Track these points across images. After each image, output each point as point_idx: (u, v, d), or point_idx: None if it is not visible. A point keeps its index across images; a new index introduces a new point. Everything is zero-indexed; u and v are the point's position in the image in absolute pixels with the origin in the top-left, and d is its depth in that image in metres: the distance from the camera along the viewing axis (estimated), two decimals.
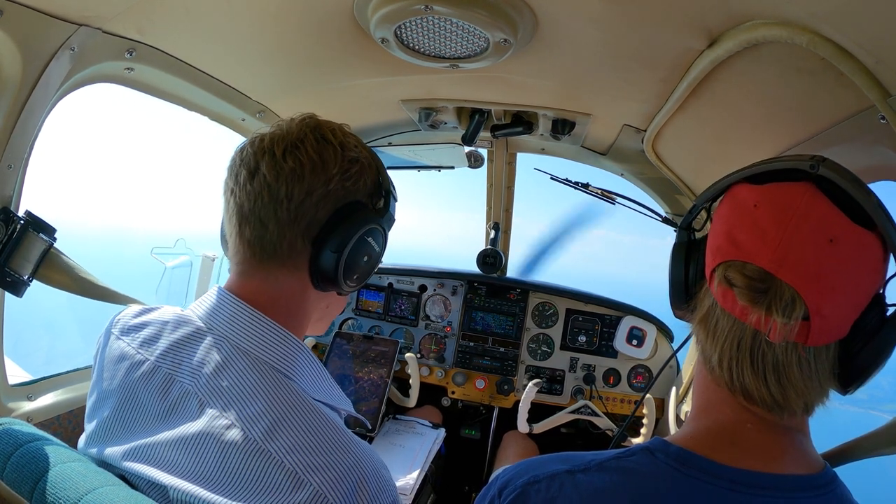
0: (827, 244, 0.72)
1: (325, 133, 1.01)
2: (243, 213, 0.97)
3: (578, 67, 1.57)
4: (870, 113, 1.04)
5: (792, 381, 0.75)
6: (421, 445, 2.35)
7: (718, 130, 1.61)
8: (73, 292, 1.46)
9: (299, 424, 0.86)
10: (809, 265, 0.72)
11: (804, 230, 0.73)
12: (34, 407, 1.49)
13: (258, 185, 0.96)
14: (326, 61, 1.67)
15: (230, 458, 0.83)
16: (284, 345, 0.97)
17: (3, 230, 1.25)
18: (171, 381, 0.92)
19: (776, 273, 0.72)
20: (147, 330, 1.00)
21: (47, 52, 1.19)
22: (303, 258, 0.99)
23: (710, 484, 0.75)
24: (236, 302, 0.97)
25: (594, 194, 2.30)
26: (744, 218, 0.79)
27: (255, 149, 0.98)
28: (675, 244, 0.95)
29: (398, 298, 2.99)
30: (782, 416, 0.78)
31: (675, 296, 0.93)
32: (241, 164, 0.99)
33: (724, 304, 0.78)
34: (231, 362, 0.92)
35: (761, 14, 1.01)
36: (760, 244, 0.75)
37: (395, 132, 2.50)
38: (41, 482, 0.79)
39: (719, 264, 0.80)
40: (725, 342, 0.78)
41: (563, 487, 0.79)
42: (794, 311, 0.71)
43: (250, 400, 0.87)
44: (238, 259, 1.01)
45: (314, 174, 0.96)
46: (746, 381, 0.76)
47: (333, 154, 0.99)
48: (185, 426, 0.88)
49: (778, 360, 0.74)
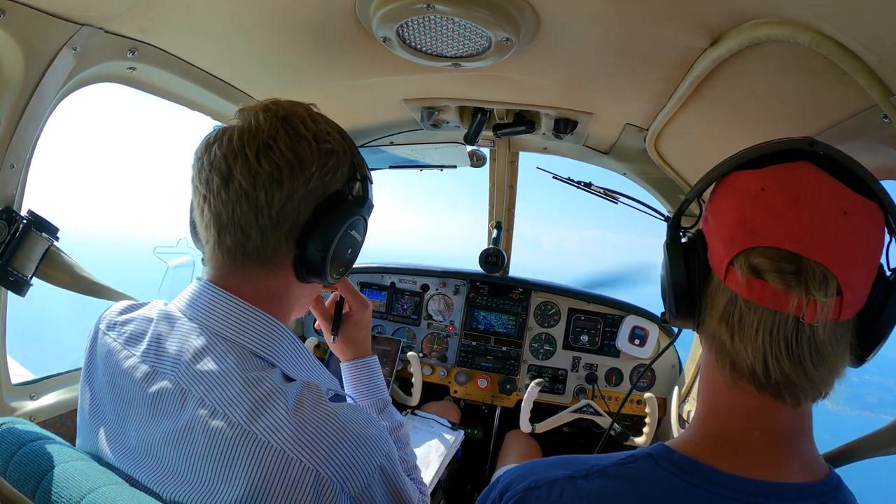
0: (842, 216, 0.73)
1: (297, 126, 0.95)
2: (222, 222, 0.93)
3: (580, 66, 1.57)
4: (872, 112, 1.04)
5: (827, 359, 0.73)
6: (437, 447, 2.32)
7: (721, 129, 1.61)
8: (74, 290, 1.47)
9: (280, 403, 0.85)
10: (832, 240, 0.72)
11: (820, 206, 0.73)
12: (37, 406, 1.50)
13: (234, 193, 0.91)
14: (328, 60, 1.67)
15: (217, 444, 0.83)
16: (265, 329, 0.95)
17: (6, 230, 1.25)
18: (154, 375, 0.92)
19: (803, 253, 0.71)
20: (132, 325, 0.99)
21: (50, 51, 1.19)
22: (286, 257, 0.97)
23: (714, 493, 0.74)
24: (216, 290, 0.96)
25: (596, 194, 2.30)
26: (754, 203, 0.77)
27: (225, 151, 0.92)
28: (670, 243, 0.89)
29: (401, 298, 2.99)
30: (804, 404, 0.76)
31: (679, 300, 0.86)
32: (211, 169, 0.93)
33: (751, 294, 0.74)
34: (210, 348, 0.91)
35: (763, 13, 1.00)
36: (779, 226, 0.73)
37: (397, 131, 2.50)
38: (44, 481, 0.79)
39: (738, 254, 0.76)
40: (757, 335, 0.74)
41: (564, 493, 0.78)
42: (829, 287, 0.70)
43: (229, 383, 0.86)
44: (215, 263, 0.98)
45: (293, 176, 0.93)
46: (785, 369, 0.73)
47: (309, 150, 0.94)
48: (172, 419, 0.88)
49: (813, 341, 0.72)
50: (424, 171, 2.96)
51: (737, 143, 0.89)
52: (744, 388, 0.78)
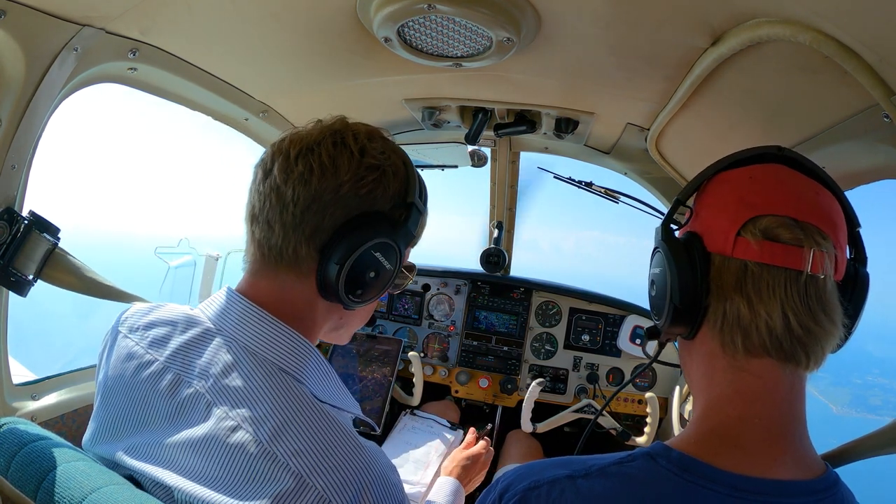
0: (816, 195, 0.85)
1: (346, 137, 0.98)
2: (254, 214, 0.98)
3: (581, 66, 1.57)
4: (873, 111, 1.04)
5: (834, 310, 0.81)
6: (437, 447, 2.31)
7: (722, 129, 1.61)
8: (79, 292, 1.47)
9: (306, 427, 0.84)
10: (817, 209, 0.83)
11: (799, 188, 0.85)
12: (38, 406, 1.50)
13: (269, 186, 0.96)
14: (329, 61, 1.67)
15: (236, 460, 0.83)
16: (293, 346, 0.95)
17: (7, 230, 1.25)
18: (179, 383, 0.91)
19: (799, 217, 0.81)
20: (156, 330, 0.99)
21: (50, 52, 1.19)
22: (310, 265, 0.96)
23: (712, 490, 0.75)
24: (245, 303, 0.96)
25: (597, 193, 2.30)
26: (748, 186, 0.87)
27: (275, 149, 0.98)
28: (667, 240, 0.90)
29: (402, 297, 2.99)
30: (812, 362, 0.81)
31: (688, 292, 0.86)
32: (259, 164, 0.99)
33: (763, 256, 0.80)
34: (239, 364, 0.91)
35: (765, 12, 1.00)
36: (774, 199, 0.83)
37: (398, 131, 2.50)
38: (45, 481, 0.79)
39: (746, 223, 0.82)
40: (774, 293, 0.79)
41: (564, 493, 0.79)
42: (828, 242, 0.81)
43: (257, 402, 0.86)
44: (251, 259, 1.01)
45: (323, 179, 0.94)
46: (802, 321, 0.79)
47: (348, 159, 0.95)
48: (193, 428, 0.87)
49: (822, 294, 0.80)
50: (425, 171, 2.96)
51: (738, 143, 0.90)
52: (751, 367, 0.82)
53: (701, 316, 0.87)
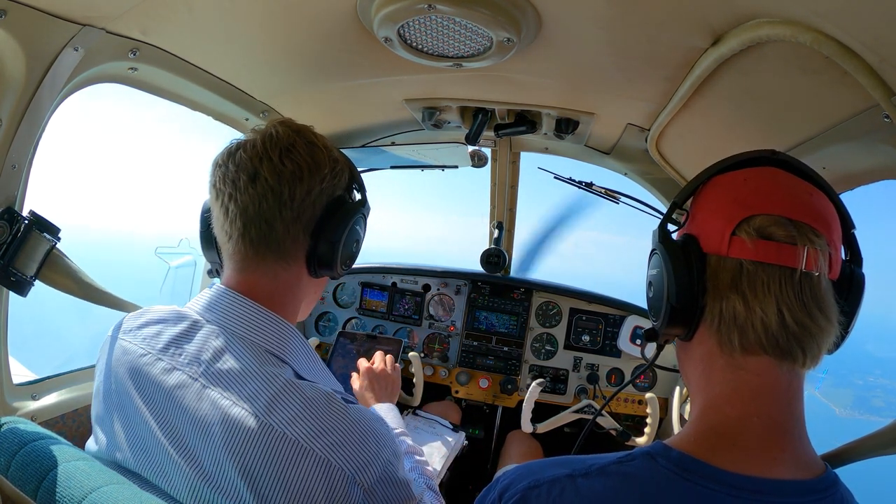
0: (810, 196, 0.86)
1: (309, 136, 1.11)
2: (249, 216, 1.05)
3: (582, 66, 1.57)
4: (873, 112, 1.04)
5: (828, 308, 0.82)
6: (439, 449, 2.31)
7: (722, 129, 1.61)
8: (76, 296, 1.47)
9: (296, 398, 0.93)
10: (811, 209, 0.84)
11: (792, 189, 0.86)
12: (38, 406, 1.50)
13: (261, 188, 1.04)
14: (330, 61, 1.67)
15: (235, 436, 0.89)
16: (278, 330, 1.05)
17: (8, 230, 1.25)
18: (172, 371, 0.98)
19: (793, 216, 0.82)
20: (148, 328, 1.06)
21: (51, 51, 1.19)
22: (300, 250, 1.10)
23: (711, 490, 0.75)
24: (233, 294, 1.06)
25: (598, 193, 2.30)
26: (743, 187, 0.88)
27: (250, 154, 1.05)
28: (664, 242, 0.92)
29: (402, 298, 2.99)
30: (809, 359, 0.81)
31: (684, 293, 0.87)
32: (237, 170, 1.05)
33: (757, 254, 0.81)
34: (229, 347, 0.99)
35: (765, 13, 1.00)
36: (769, 200, 0.84)
37: (398, 132, 2.50)
38: (46, 480, 0.80)
39: (741, 223, 0.83)
40: (769, 291, 0.80)
41: (564, 492, 0.80)
42: (822, 240, 0.82)
43: (248, 380, 0.95)
44: (238, 257, 1.08)
45: (311, 175, 1.07)
46: (797, 317, 0.79)
47: (322, 155, 1.10)
48: (190, 413, 0.93)
49: (816, 292, 0.81)
50: (426, 172, 2.96)
51: (738, 143, 0.90)
52: (748, 365, 0.82)
53: (698, 316, 0.88)
